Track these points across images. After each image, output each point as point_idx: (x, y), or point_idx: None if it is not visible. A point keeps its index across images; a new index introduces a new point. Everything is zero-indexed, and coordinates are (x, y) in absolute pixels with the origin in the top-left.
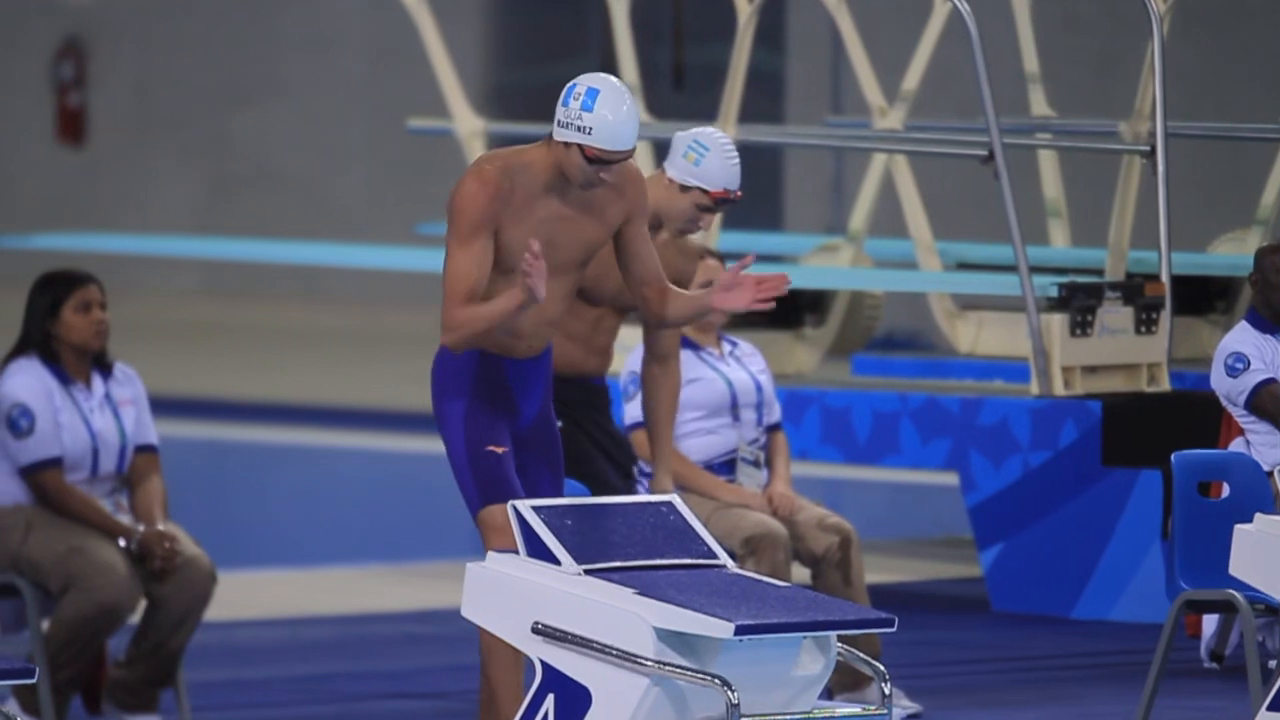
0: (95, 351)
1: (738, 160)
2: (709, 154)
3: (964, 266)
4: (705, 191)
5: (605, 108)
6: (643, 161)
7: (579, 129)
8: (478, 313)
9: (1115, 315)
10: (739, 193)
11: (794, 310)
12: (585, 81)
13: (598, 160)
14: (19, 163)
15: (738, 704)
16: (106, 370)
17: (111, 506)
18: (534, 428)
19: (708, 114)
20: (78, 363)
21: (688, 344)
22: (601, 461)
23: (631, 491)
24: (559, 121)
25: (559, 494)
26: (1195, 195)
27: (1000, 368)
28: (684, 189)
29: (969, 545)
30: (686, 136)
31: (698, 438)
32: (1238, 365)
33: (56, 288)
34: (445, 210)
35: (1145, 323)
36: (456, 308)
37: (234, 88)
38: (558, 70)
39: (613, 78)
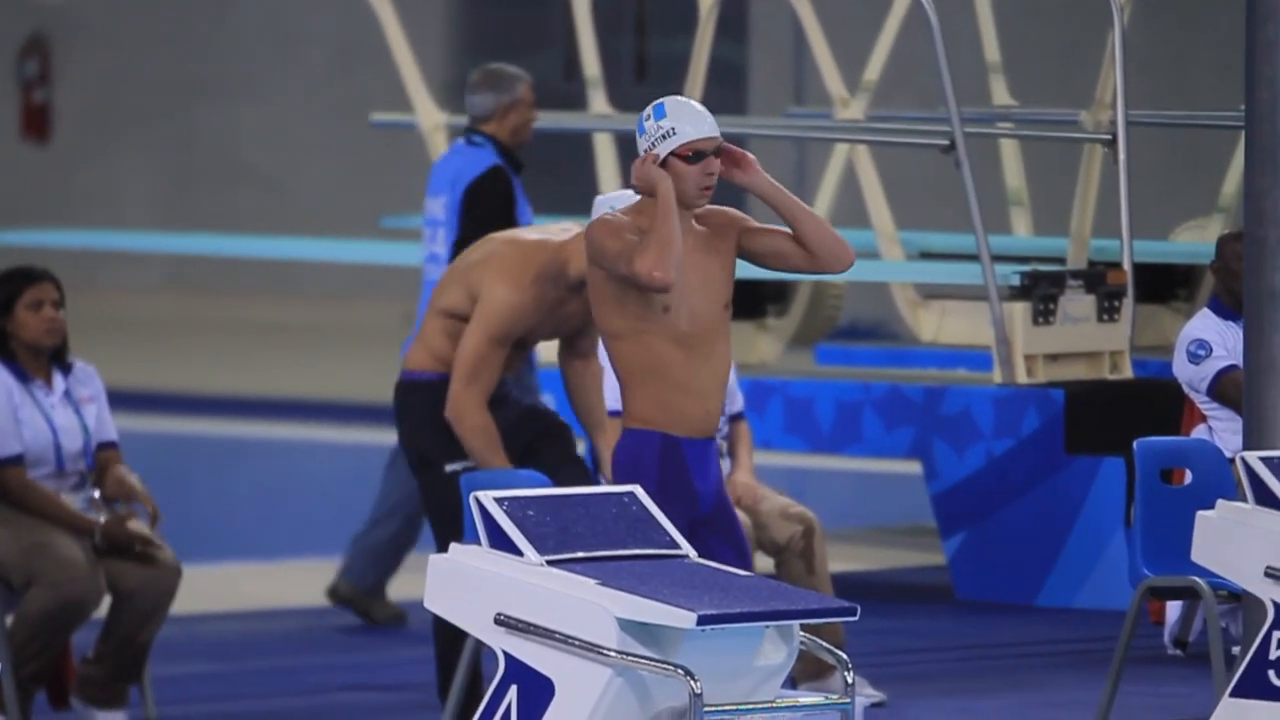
0: (49, 349)
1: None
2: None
3: (926, 256)
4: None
5: (676, 107)
6: (605, 153)
7: (664, 136)
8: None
9: (1077, 303)
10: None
11: (757, 300)
12: (651, 105)
13: (697, 155)
14: None
15: (700, 694)
16: (66, 368)
17: (83, 505)
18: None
19: None
20: (34, 360)
21: None
22: (537, 443)
23: (573, 459)
24: (648, 150)
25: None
26: (1157, 183)
27: (963, 356)
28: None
29: (932, 534)
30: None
31: None
32: (1200, 352)
33: (10, 285)
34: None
35: (1107, 310)
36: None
37: (198, 83)
38: (520, 63)
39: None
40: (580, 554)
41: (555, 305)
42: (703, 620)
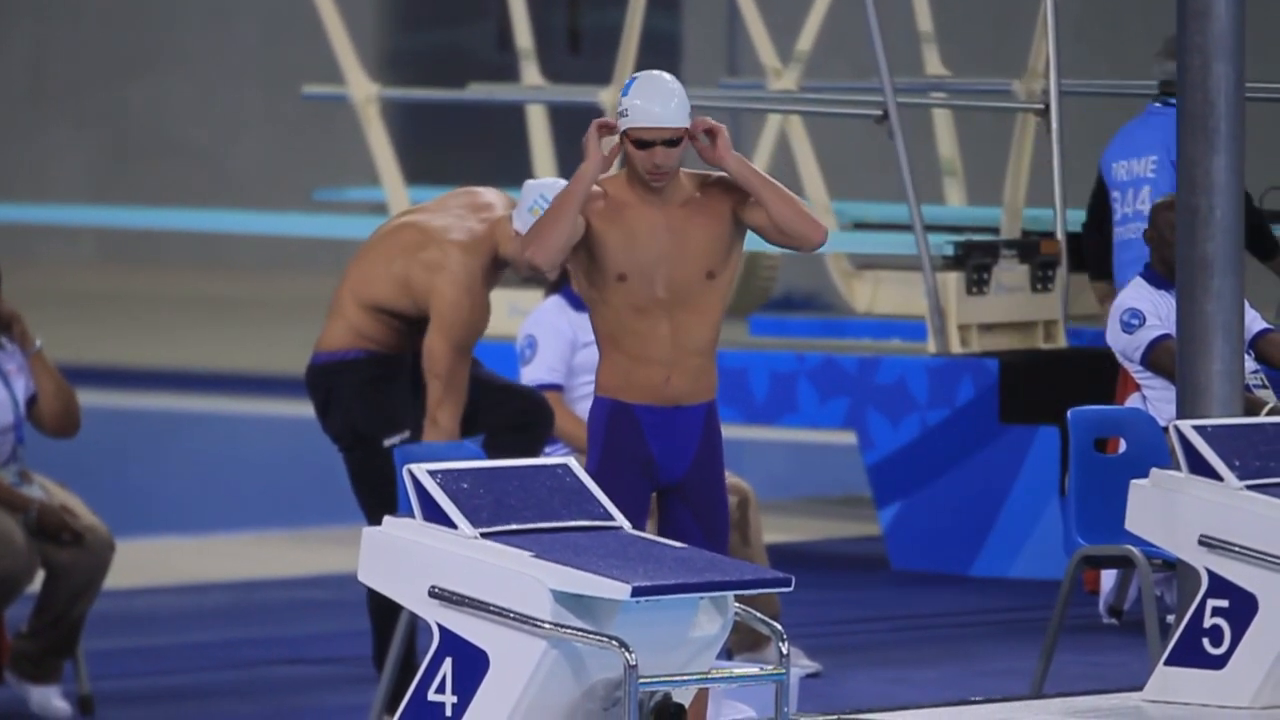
0: None
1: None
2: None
3: (860, 226)
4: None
5: (639, 88)
6: (538, 125)
7: (622, 114)
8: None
9: (1011, 273)
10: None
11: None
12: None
13: (640, 143)
14: None
15: (635, 665)
16: None
17: (13, 479)
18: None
19: (603, 77)
20: None
21: (580, 305)
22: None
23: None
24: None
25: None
26: (1090, 153)
27: (897, 326)
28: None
29: (868, 504)
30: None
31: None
32: (1133, 321)
33: None
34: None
35: (1041, 280)
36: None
37: (130, 56)
38: (453, 35)
39: (663, 73)
40: (514, 526)
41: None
42: (637, 591)
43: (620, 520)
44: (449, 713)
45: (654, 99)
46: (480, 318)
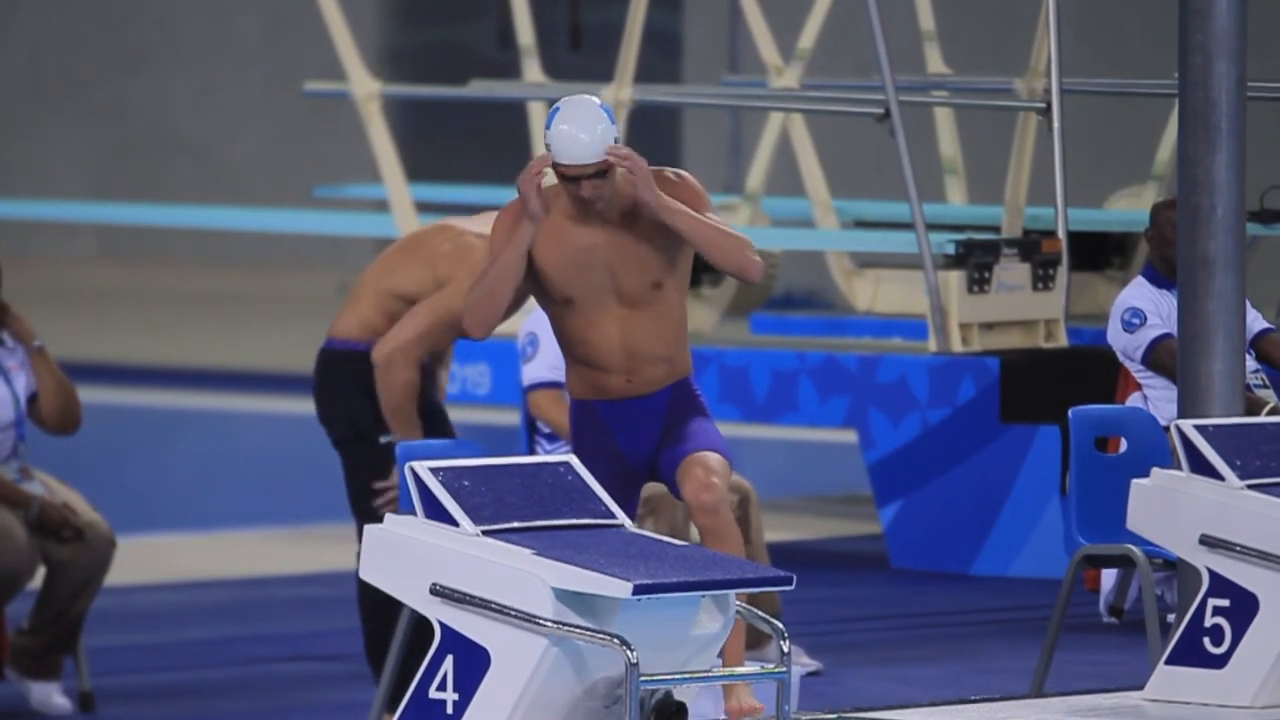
0: None
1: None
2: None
3: (861, 225)
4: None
5: (558, 122)
6: (539, 122)
7: (547, 146)
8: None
9: (1012, 272)
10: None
11: (691, 270)
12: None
13: (566, 176)
14: None
15: (637, 663)
16: None
17: (15, 475)
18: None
19: (604, 74)
20: None
21: None
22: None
23: None
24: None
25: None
26: (1091, 151)
27: (898, 325)
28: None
29: (868, 503)
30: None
31: None
32: (1134, 320)
33: None
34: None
35: (1042, 279)
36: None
37: (130, 52)
38: (454, 32)
39: (588, 96)
40: (516, 524)
41: None
42: (639, 590)
43: (622, 518)
44: (450, 710)
45: (574, 131)
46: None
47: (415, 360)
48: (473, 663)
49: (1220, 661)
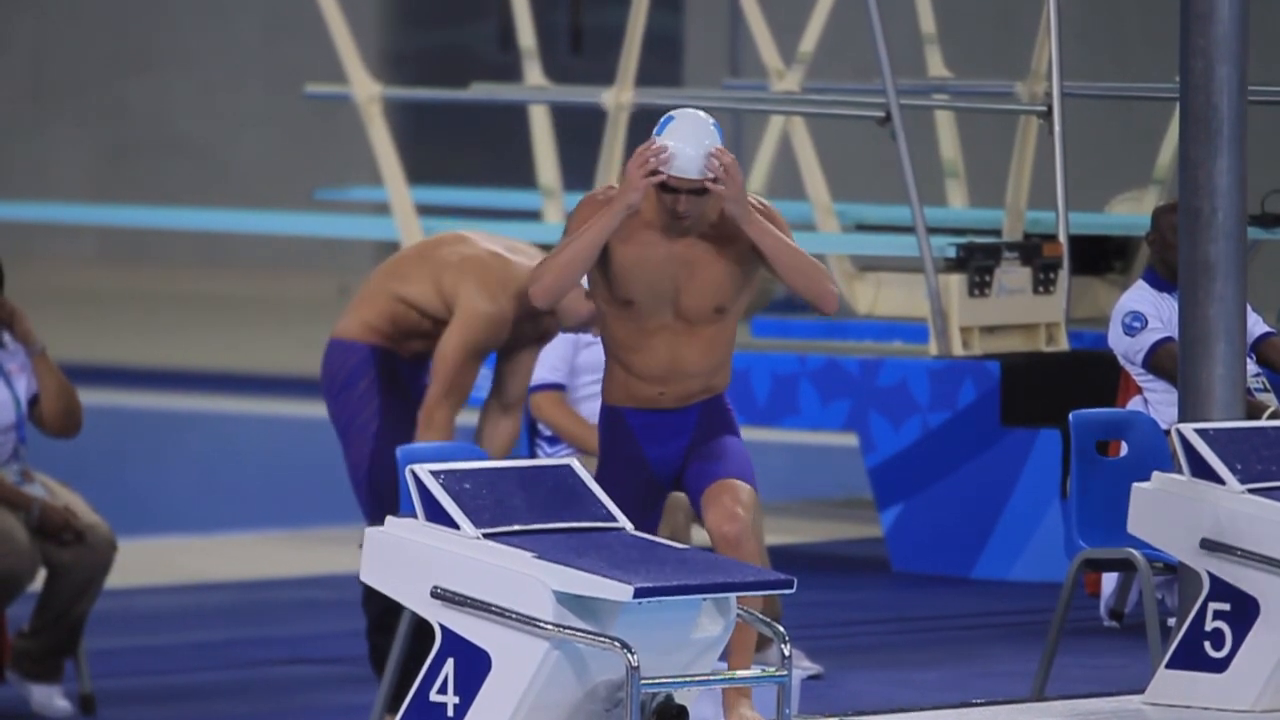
0: None
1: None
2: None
3: (862, 228)
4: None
5: (673, 132)
6: (541, 125)
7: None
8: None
9: (1013, 275)
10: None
11: None
12: (670, 112)
13: (666, 187)
14: None
15: (638, 666)
16: None
17: (15, 478)
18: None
19: (605, 77)
20: None
21: None
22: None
23: None
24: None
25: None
26: (1092, 155)
27: (899, 329)
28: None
29: (869, 506)
30: None
31: (597, 400)
32: (1135, 324)
33: None
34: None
35: (1043, 283)
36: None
37: (131, 54)
38: (455, 34)
39: (700, 112)
40: (516, 527)
41: (514, 321)
42: (639, 593)
43: (622, 521)
44: (451, 713)
45: (681, 148)
46: (499, 330)
47: (452, 416)
48: (473, 666)
49: (1221, 665)
